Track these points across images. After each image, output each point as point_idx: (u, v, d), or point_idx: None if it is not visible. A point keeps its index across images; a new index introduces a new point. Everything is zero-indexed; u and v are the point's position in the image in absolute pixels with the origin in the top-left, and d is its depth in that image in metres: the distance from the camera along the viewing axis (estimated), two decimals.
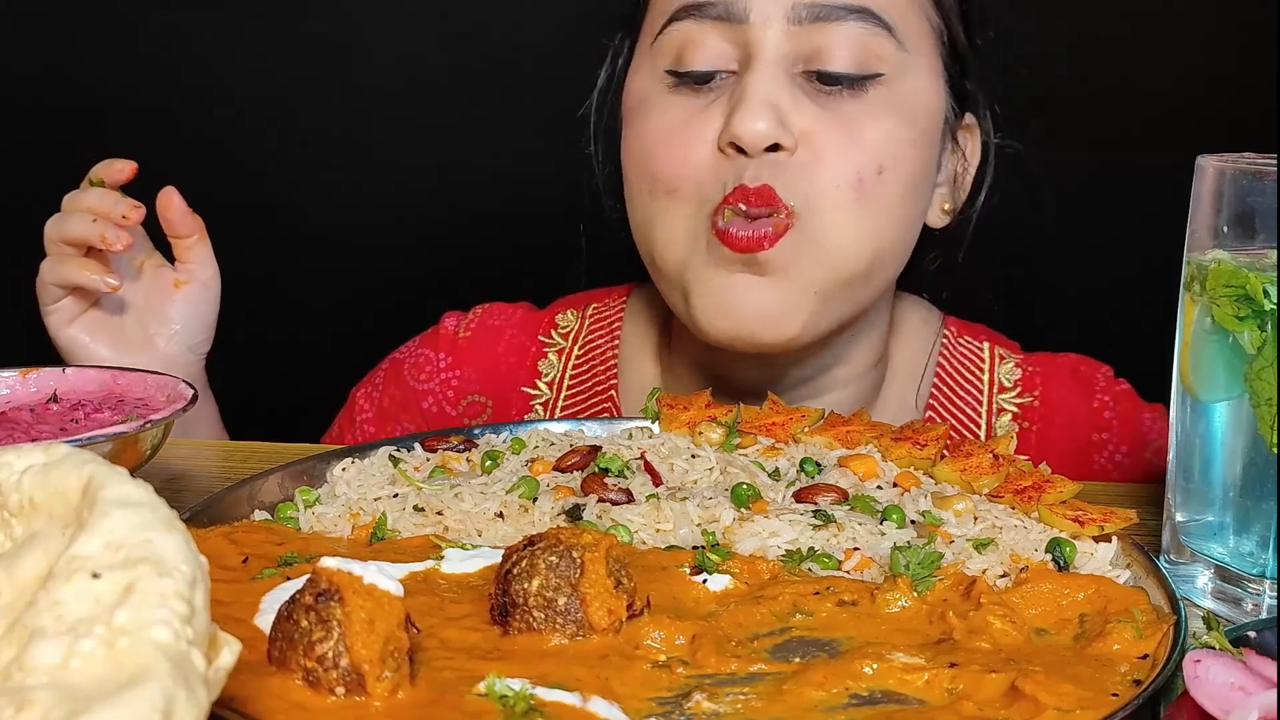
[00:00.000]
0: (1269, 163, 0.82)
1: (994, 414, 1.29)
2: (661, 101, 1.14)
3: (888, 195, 1.11)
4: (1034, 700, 0.65)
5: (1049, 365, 1.34)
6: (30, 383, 1.10)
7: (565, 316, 1.43)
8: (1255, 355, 0.82)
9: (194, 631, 0.48)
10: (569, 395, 1.38)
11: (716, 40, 1.11)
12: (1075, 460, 1.28)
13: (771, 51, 1.09)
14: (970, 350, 1.35)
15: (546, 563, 0.71)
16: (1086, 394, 1.31)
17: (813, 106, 1.10)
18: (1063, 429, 1.29)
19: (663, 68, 1.15)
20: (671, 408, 1.11)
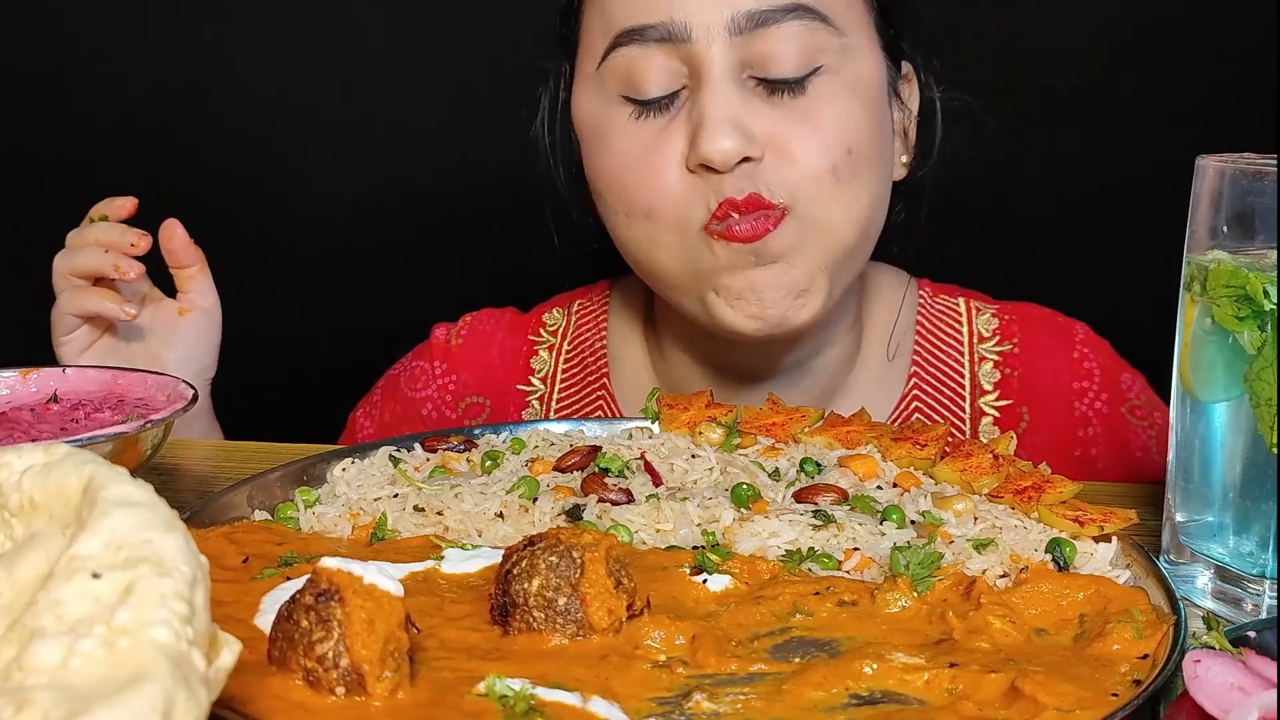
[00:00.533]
0: (1269, 163, 0.82)
1: (976, 363, 1.32)
2: (620, 128, 1.16)
3: (861, 170, 1.15)
4: (1034, 700, 0.65)
5: (1024, 313, 1.38)
6: (30, 383, 1.10)
7: (552, 315, 1.47)
8: (1255, 355, 0.82)
9: (194, 631, 0.48)
10: (563, 388, 1.42)
11: (663, 60, 1.13)
12: (1059, 405, 1.31)
13: (719, 66, 1.11)
14: (946, 306, 1.39)
15: (546, 563, 0.71)
16: (1066, 344, 1.34)
17: (768, 109, 1.12)
18: (1046, 375, 1.32)
19: (614, 92, 1.17)
20: (671, 408, 1.11)
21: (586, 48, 1.21)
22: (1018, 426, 1.31)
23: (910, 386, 1.34)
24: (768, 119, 1.12)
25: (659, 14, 1.11)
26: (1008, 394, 1.32)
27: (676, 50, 1.12)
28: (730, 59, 1.11)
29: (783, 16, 1.11)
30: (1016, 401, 1.31)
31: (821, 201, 1.13)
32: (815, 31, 1.12)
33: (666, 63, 1.13)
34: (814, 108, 1.13)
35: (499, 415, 1.42)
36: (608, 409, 1.40)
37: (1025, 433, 1.31)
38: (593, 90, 1.20)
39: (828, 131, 1.12)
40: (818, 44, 1.12)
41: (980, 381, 1.32)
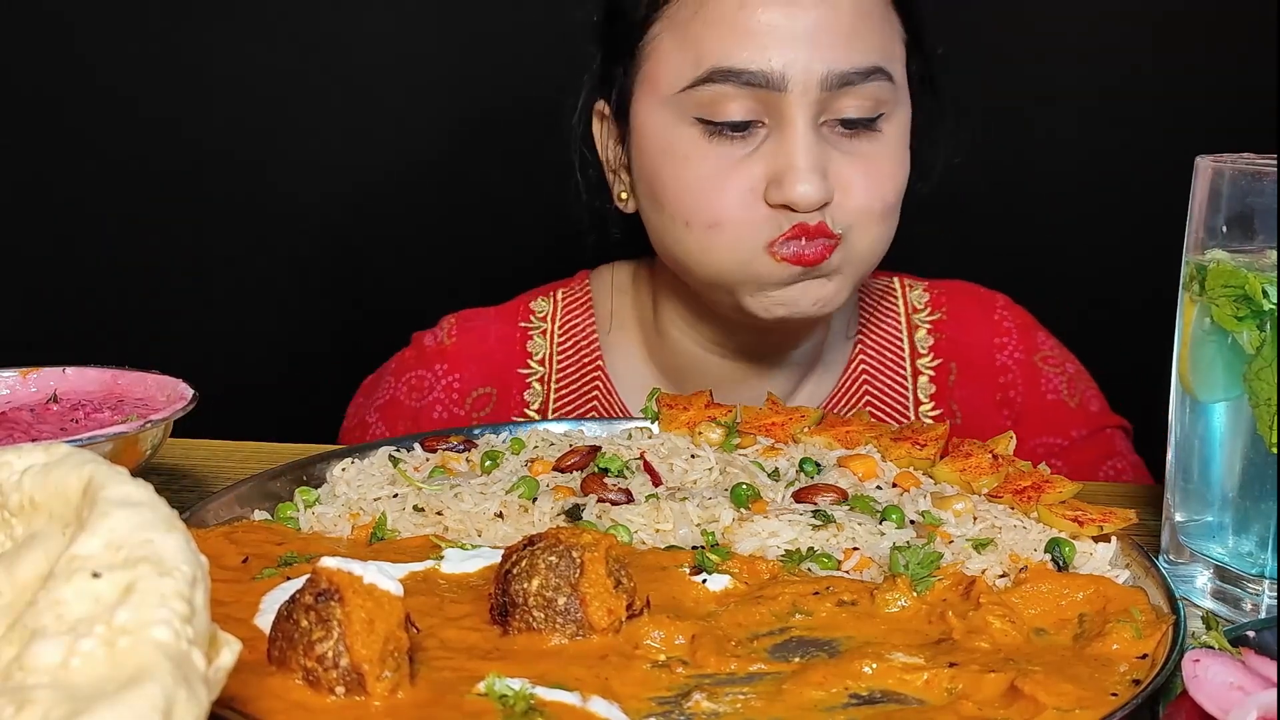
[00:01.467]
0: (1269, 163, 0.83)
1: (913, 330, 1.51)
2: (696, 147, 1.25)
3: (897, 206, 1.31)
4: (1033, 700, 0.65)
5: (950, 286, 1.56)
6: (30, 383, 1.10)
7: (538, 303, 1.54)
8: (1254, 355, 0.82)
9: (194, 631, 0.48)
10: (559, 371, 1.49)
11: (749, 99, 1.22)
12: (982, 358, 1.49)
13: (805, 115, 1.22)
14: (882, 285, 1.55)
15: (546, 563, 0.71)
16: (987, 309, 1.53)
17: (837, 154, 1.25)
18: (970, 335, 1.51)
19: (690, 115, 1.24)
20: (671, 408, 1.12)
21: (664, 68, 1.27)
22: (948, 380, 1.48)
23: (857, 352, 1.50)
24: (839, 164, 1.24)
25: (761, 63, 1.20)
26: (939, 354, 1.50)
27: (768, 95, 1.21)
28: (814, 110, 1.22)
29: (864, 78, 1.23)
30: (946, 359, 1.49)
31: (868, 235, 1.27)
32: (883, 88, 1.25)
33: (752, 101, 1.22)
34: (874, 155, 1.26)
35: (504, 401, 1.47)
36: (604, 391, 1.46)
37: (955, 384, 1.48)
38: (666, 108, 1.27)
39: (883, 178, 1.27)
40: (883, 96, 1.25)
41: (917, 346, 1.50)
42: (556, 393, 1.47)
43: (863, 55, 1.22)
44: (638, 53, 1.30)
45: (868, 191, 1.25)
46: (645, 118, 1.29)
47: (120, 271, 2.02)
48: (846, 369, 1.49)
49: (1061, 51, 1.93)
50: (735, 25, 1.21)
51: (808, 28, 1.20)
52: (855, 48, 1.22)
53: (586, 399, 1.47)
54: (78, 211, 2.03)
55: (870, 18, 1.24)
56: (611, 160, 1.39)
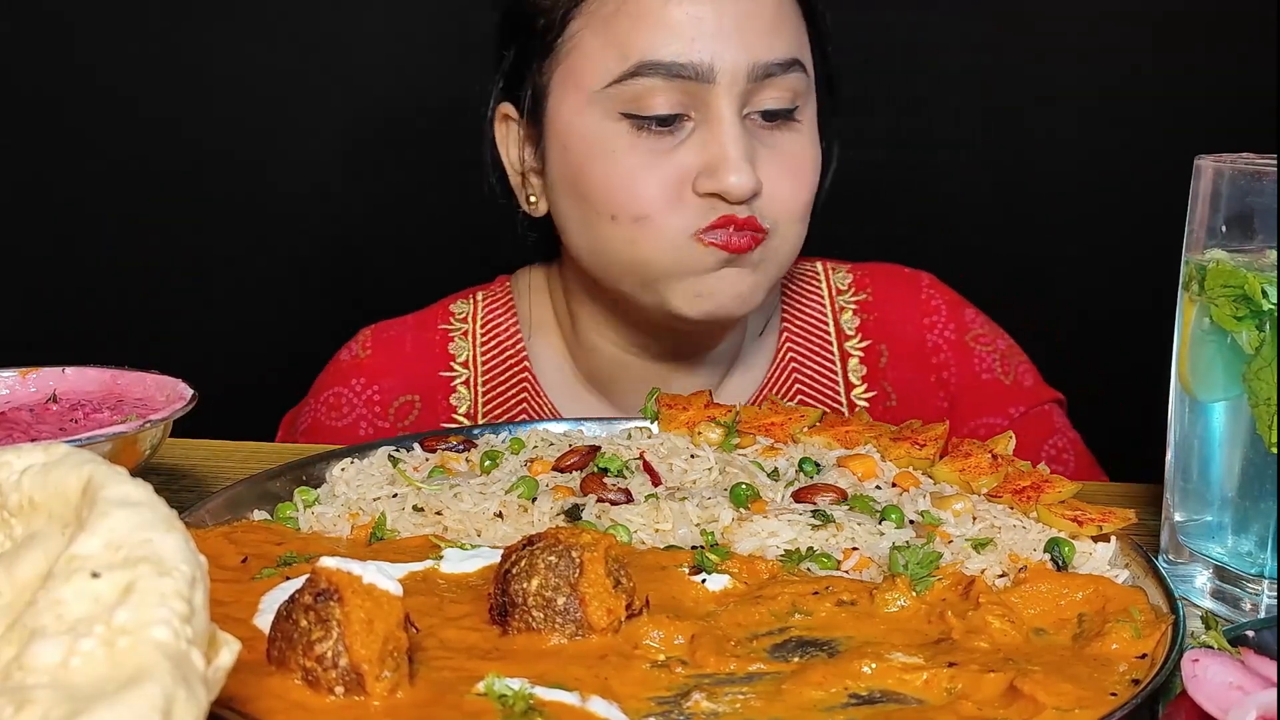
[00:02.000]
0: (1268, 163, 0.83)
1: (838, 312, 1.52)
2: (625, 142, 1.25)
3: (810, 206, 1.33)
4: (1033, 700, 0.65)
5: (874, 268, 1.56)
6: (30, 383, 1.10)
7: (458, 305, 1.52)
8: (1253, 355, 0.82)
9: (193, 631, 0.48)
10: (485, 370, 1.47)
11: (676, 91, 1.23)
12: (913, 339, 1.50)
13: (731, 106, 1.24)
14: (805, 270, 1.56)
15: (545, 562, 0.71)
16: (913, 289, 1.53)
17: (761, 147, 1.27)
18: (898, 315, 1.51)
19: (617, 110, 1.25)
20: (670, 408, 1.12)
21: (586, 64, 1.26)
22: (879, 362, 1.49)
23: (784, 340, 1.50)
24: (764, 159, 1.27)
25: (689, 55, 1.22)
26: (868, 335, 1.50)
27: (694, 86, 1.23)
28: (739, 102, 1.25)
29: (785, 69, 1.26)
30: (876, 341, 1.50)
31: (789, 232, 1.30)
32: (800, 79, 1.29)
33: (679, 94, 1.24)
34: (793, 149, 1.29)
35: (429, 407, 1.45)
36: (533, 394, 1.45)
37: (886, 366, 1.49)
38: (587, 106, 1.27)
39: (803, 173, 1.30)
40: (798, 88, 1.29)
41: (843, 327, 1.51)
42: (484, 395, 1.46)
43: (784, 47, 1.26)
44: (556, 50, 1.29)
45: (791, 188, 1.28)
46: (568, 116, 1.29)
47: (120, 271, 2.02)
48: (774, 358, 1.49)
49: (1061, 51, 1.93)
50: (661, 19, 1.22)
51: (733, 20, 1.23)
52: (777, 40, 1.25)
53: (515, 401, 1.45)
54: (78, 211, 2.03)
55: (787, 14, 1.28)
56: (518, 163, 1.37)
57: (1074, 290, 2.00)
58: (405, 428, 1.43)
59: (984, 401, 1.47)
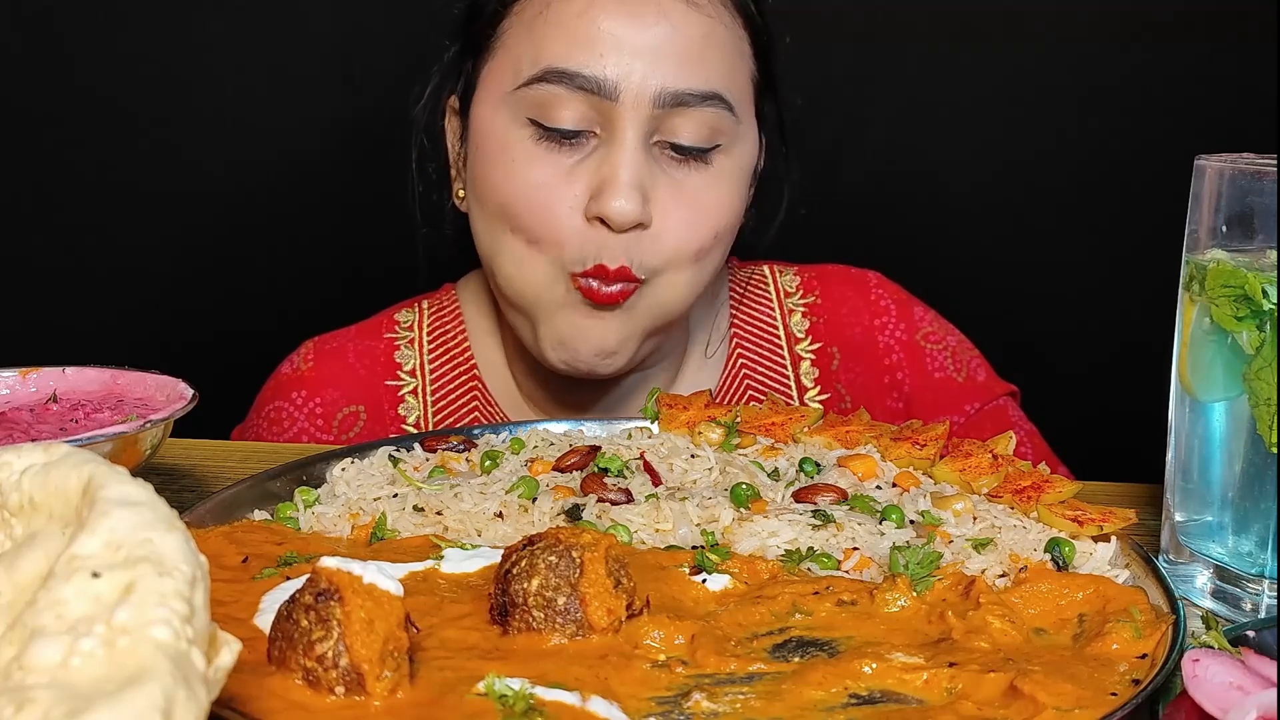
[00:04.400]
0: (1269, 163, 0.83)
1: (787, 315, 1.50)
2: (525, 152, 1.24)
3: (717, 252, 1.30)
4: (1033, 700, 0.65)
5: (821, 270, 1.55)
6: (30, 383, 1.10)
7: (403, 314, 1.51)
8: (1254, 355, 0.82)
9: (194, 631, 0.48)
10: (434, 379, 1.45)
11: (583, 105, 1.21)
12: (864, 341, 1.48)
13: (635, 131, 1.21)
14: (753, 276, 1.54)
15: (546, 562, 0.71)
16: (862, 289, 1.51)
17: (665, 178, 1.24)
18: (848, 317, 1.50)
19: (525, 115, 1.24)
20: (671, 408, 1.12)
21: (505, 64, 1.26)
22: (830, 365, 1.48)
23: (734, 345, 1.48)
24: (663, 189, 1.23)
25: (594, 68, 1.20)
26: (818, 338, 1.49)
27: (600, 103, 1.21)
28: (646, 127, 1.22)
29: (701, 101, 1.22)
30: (826, 343, 1.49)
31: (673, 279, 1.26)
32: (720, 116, 1.24)
33: (585, 108, 1.21)
34: (702, 189, 1.25)
35: (376, 416, 1.43)
36: (484, 401, 1.44)
37: (839, 369, 1.48)
38: (501, 106, 1.26)
39: (706, 215, 1.25)
40: (720, 126, 1.25)
41: (793, 330, 1.49)
42: (434, 404, 1.43)
43: (702, 79, 1.22)
44: (486, 48, 1.30)
45: (685, 230, 1.24)
46: (483, 114, 1.28)
47: (120, 271, 2.02)
48: (726, 364, 1.47)
49: (1061, 51, 1.93)
50: (576, 29, 1.21)
51: (648, 42, 1.20)
52: (695, 70, 1.21)
53: (467, 409, 1.43)
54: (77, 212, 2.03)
55: (717, 46, 1.24)
56: (455, 155, 1.37)
57: (1074, 290, 2.00)
58: (349, 440, 1.40)
59: (939, 400, 1.46)
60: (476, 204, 1.30)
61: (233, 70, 1.96)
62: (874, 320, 1.49)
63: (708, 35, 1.23)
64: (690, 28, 1.22)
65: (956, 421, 1.44)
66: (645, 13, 1.21)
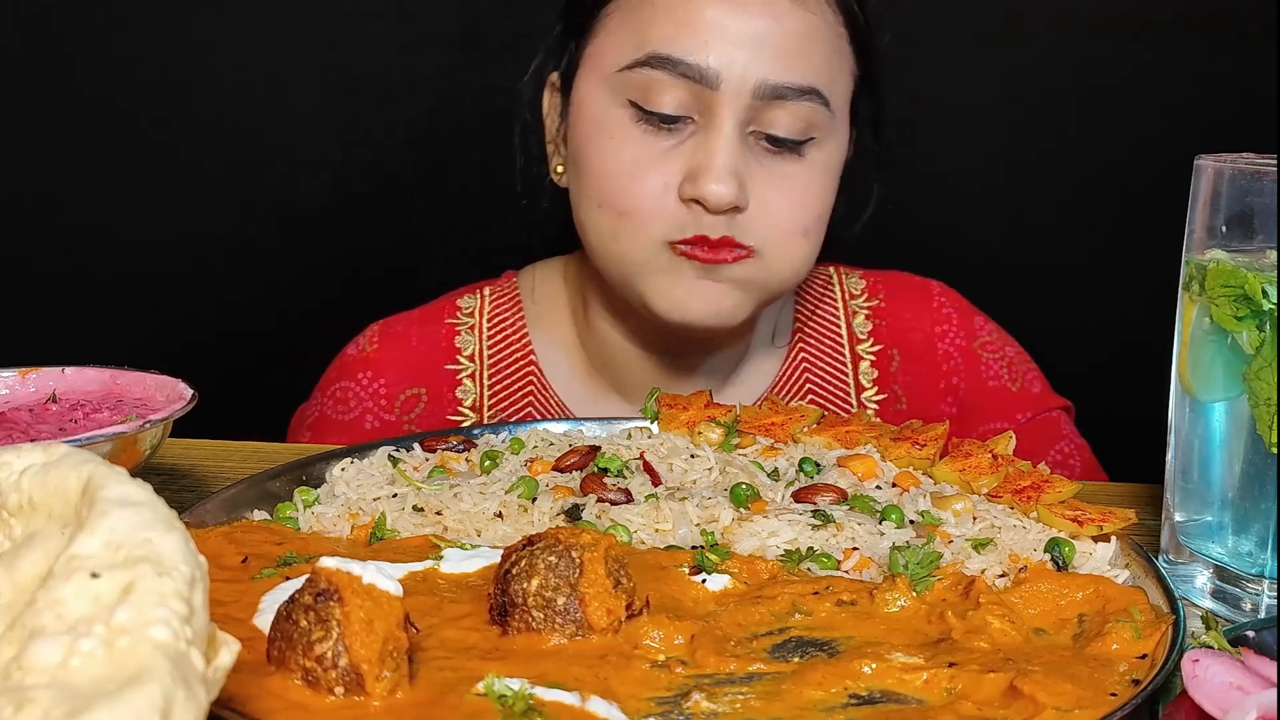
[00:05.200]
0: (1269, 163, 0.83)
1: (850, 316, 1.54)
2: (624, 133, 1.27)
3: (820, 231, 1.34)
4: (1032, 700, 0.65)
5: (886, 276, 1.58)
6: (30, 383, 1.10)
7: (465, 300, 1.55)
8: (1254, 355, 0.82)
9: (193, 631, 0.48)
10: (491, 364, 1.49)
11: (683, 91, 1.25)
12: (924, 345, 1.52)
13: (733, 120, 1.24)
14: (818, 275, 1.57)
15: (546, 563, 0.71)
16: (925, 296, 1.55)
17: (759, 167, 1.27)
18: (910, 322, 1.53)
19: (625, 97, 1.27)
20: (670, 407, 1.12)
21: (609, 46, 1.29)
22: (890, 366, 1.51)
23: (796, 338, 1.52)
24: (760, 177, 1.27)
25: (697, 55, 1.23)
26: (879, 340, 1.52)
27: (700, 90, 1.24)
28: (744, 116, 1.25)
29: (798, 95, 1.25)
30: (887, 345, 1.52)
31: (783, 254, 1.30)
32: (817, 111, 1.27)
33: (685, 95, 1.25)
34: (799, 176, 1.29)
35: (436, 398, 1.47)
36: (539, 387, 1.47)
37: (897, 370, 1.51)
38: (603, 86, 1.29)
39: (807, 199, 1.30)
40: (815, 120, 1.28)
41: (856, 331, 1.53)
42: (490, 388, 1.48)
43: (801, 74, 1.25)
44: (590, 28, 1.33)
45: (788, 210, 1.28)
46: (584, 93, 1.32)
47: (120, 271, 2.02)
48: (787, 356, 1.51)
49: (1061, 51, 1.93)
50: (681, 16, 1.24)
51: (752, 33, 1.23)
52: (794, 64, 1.24)
53: (521, 393, 1.47)
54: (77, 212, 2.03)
55: (818, 42, 1.27)
56: (553, 132, 1.41)
57: (1073, 290, 1.99)
58: (411, 420, 1.45)
59: (991, 407, 1.49)
60: (574, 178, 1.34)
61: (233, 70, 1.96)
62: (935, 327, 1.53)
63: (810, 31, 1.26)
64: (793, 22, 1.25)
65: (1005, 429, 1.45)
66: (750, 4, 1.24)
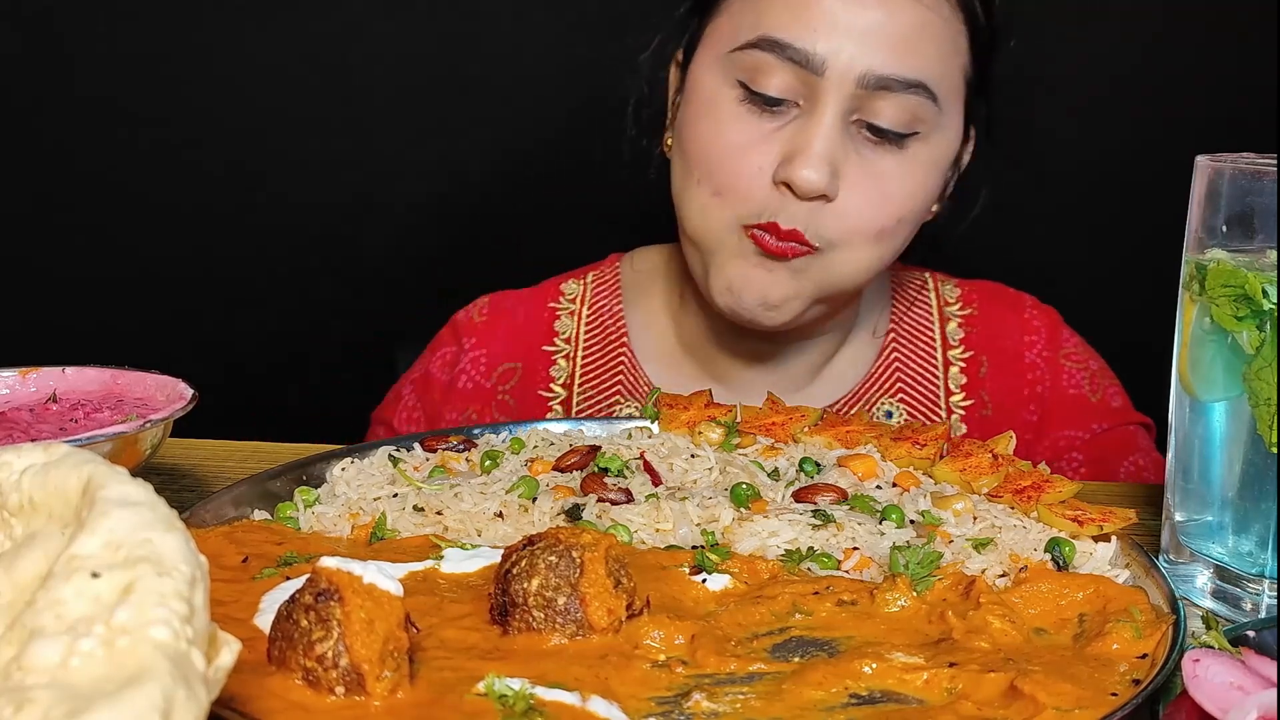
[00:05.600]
0: (1269, 163, 0.83)
1: (945, 322, 1.56)
2: (731, 112, 1.29)
3: (898, 234, 1.33)
4: (1033, 700, 0.65)
5: (979, 284, 1.61)
6: (30, 383, 1.10)
7: (569, 285, 1.60)
8: (1254, 355, 0.82)
9: (194, 631, 0.48)
10: (585, 349, 1.54)
11: (790, 75, 1.25)
12: (1012, 354, 1.54)
13: (836, 106, 1.25)
14: (914, 279, 1.59)
15: (546, 562, 0.71)
16: (1017, 308, 1.58)
17: (857, 157, 1.27)
18: (1000, 331, 1.56)
19: (735, 77, 1.29)
20: (671, 408, 1.12)
21: (727, 27, 1.32)
22: (979, 372, 1.53)
23: (890, 336, 1.53)
24: (854, 166, 1.26)
25: (805, 41, 1.24)
26: (970, 347, 1.55)
27: (806, 75, 1.25)
28: (847, 105, 1.25)
29: (904, 88, 1.25)
30: (978, 352, 1.54)
31: (848, 255, 1.30)
32: (923, 105, 1.27)
33: (791, 79, 1.26)
34: (893, 172, 1.28)
35: (530, 374, 1.53)
36: (629, 366, 1.51)
37: (985, 377, 1.54)
38: (716, 65, 1.32)
39: (892, 199, 1.29)
40: (920, 114, 1.27)
41: (949, 337, 1.55)
42: (582, 367, 1.52)
43: (909, 67, 1.25)
44: (713, 9, 1.36)
45: (868, 209, 1.27)
46: (699, 70, 1.35)
47: (120, 271, 2.02)
48: (880, 353, 1.52)
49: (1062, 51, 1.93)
50: (796, 2, 1.25)
51: (863, 24, 1.23)
52: (903, 57, 1.24)
53: (613, 374, 1.51)
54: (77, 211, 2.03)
55: (930, 38, 1.27)
56: (671, 106, 1.44)
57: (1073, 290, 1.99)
58: (506, 391, 1.52)
59: (1069, 414, 1.51)
60: (678, 153, 1.37)
61: (233, 70, 1.96)
62: (1024, 337, 1.55)
63: (922, 25, 1.26)
64: (906, 15, 1.25)
65: (1081, 437, 1.49)
66: None
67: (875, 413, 1.49)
